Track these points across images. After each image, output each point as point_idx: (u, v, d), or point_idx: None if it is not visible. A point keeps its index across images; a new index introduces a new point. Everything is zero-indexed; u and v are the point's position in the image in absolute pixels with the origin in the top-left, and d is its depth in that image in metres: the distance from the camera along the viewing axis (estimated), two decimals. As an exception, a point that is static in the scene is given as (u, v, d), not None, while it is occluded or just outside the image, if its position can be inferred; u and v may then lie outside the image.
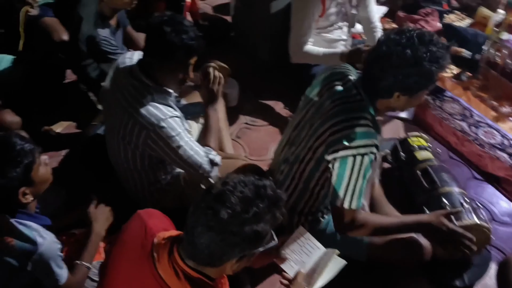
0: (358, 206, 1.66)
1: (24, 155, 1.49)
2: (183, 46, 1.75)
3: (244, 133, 2.75)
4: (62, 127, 2.77)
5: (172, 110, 1.85)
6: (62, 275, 1.62)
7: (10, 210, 1.54)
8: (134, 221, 1.38)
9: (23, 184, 1.51)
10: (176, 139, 1.82)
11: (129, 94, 1.83)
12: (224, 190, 1.14)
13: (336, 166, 1.64)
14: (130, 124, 1.82)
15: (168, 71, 1.83)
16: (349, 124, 1.63)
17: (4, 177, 1.45)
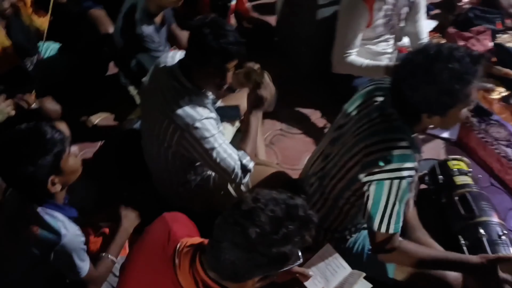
0: (396, 230, 1.59)
1: (54, 144, 1.50)
2: (220, 50, 1.73)
3: (278, 140, 2.72)
4: (100, 118, 2.82)
5: (207, 112, 1.84)
6: (84, 268, 1.63)
7: (38, 199, 1.56)
8: (159, 223, 1.37)
9: (52, 172, 1.52)
10: (210, 141, 1.81)
11: (168, 95, 1.84)
12: (255, 207, 1.10)
13: (372, 189, 1.57)
14: (165, 123, 1.83)
15: (206, 74, 1.82)
16: (386, 146, 1.56)
17: (34, 164, 1.46)
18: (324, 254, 1.61)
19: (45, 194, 1.56)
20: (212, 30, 1.73)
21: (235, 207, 1.13)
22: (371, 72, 2.47)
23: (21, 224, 1.55)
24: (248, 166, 1.91)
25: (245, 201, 1.13)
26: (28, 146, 1.47)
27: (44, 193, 1.55)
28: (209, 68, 1.79)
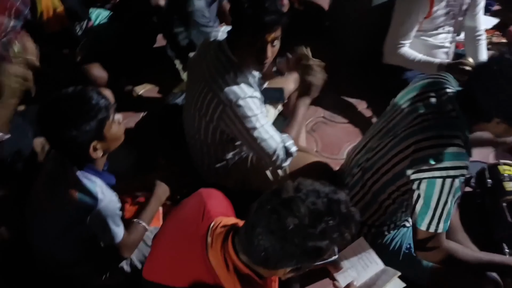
0: (444, 229, 1.54)
1: (98, 110, 1.50)
2: (255, 18, 1.65)
3: (319, 127, 2.66)
4: (144, 89, 2.84)
5: (252, 90, 1.80)
6: (118, 233, 1.65)
7: (79, 163, 1.58)
8: (195, 198, 1.36)
9: (94, 138, 1.52)
10: (252, 120, 1.78)
11: (214, 68, 1.81)
12: (295, 197, 1.07)
13: (422, 187, 1.51)
14: (208, 97, 1.81)
15: (244, 46, 1.75)
16: (439, 142, 1.49)
17: (77, 128, 1.47)
18: (358, 247, 1.57)
19: (85, 158, 1.57)
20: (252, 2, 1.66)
21: (275, 193, 1.09)
22: (423, 67, 2.38)
23: (61, 185, 1.57)
24: (290, 149, 1.87)
25: (285, 188, 1.09)
26: (73, 110, 1.47)
27: (85, 157, 1.56)
28: (246, 38, 1.71)
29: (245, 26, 1.69)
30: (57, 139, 1.52)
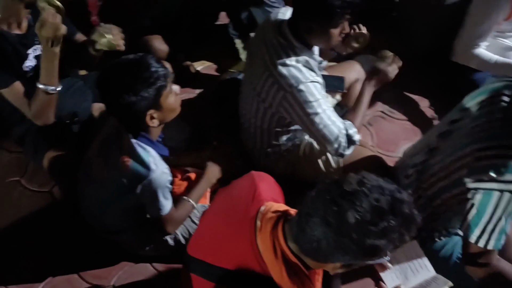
0: (496, 247, 1.44)
1: (157, 78, 1.50)
2: (339, 5, 1.61)
3: (376, 121, 2.58)
4: (203, 66, 2.84)
5: (314, 75, 1.76)
6: (166, 206, 1.66)
7: (134, 131, 1.59)
8: (246, 180, 1.34)
9: (152, 106, 1.52)
10: (313, 105, 1.73)
11: (273, 51, 1.77)
12: (358, 190, 1.02)
13: (477, 198, 1.42)
14: (268, 82, 1.77)
15: (310, 30, 1.71)
16: (504, 153, 1.40)
17: (136, 94, 1.47)
18: (410, 251, 1.51)
19: (141, 127, 1.58)
20: None
21: (336, 183, 1.05)
22: (501, 69, 2.26)
23: (115, 152, 1.59)
24: (354, 137, 1.82)
25: (348, 180, 1.04)
26: (132, 76, 1.47)
27: (141, 126, 1.57)
28: (315, 23, 1.68)
29: (314, 10, 1.64)
30: (115, 105, 1.52)
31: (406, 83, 2.73)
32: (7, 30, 1.84)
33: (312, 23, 1.68)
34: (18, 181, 2.22)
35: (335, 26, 1.70)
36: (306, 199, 1.08)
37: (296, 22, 1.74)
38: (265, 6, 2.37)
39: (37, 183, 2.21)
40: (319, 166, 2.03)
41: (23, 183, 2.22)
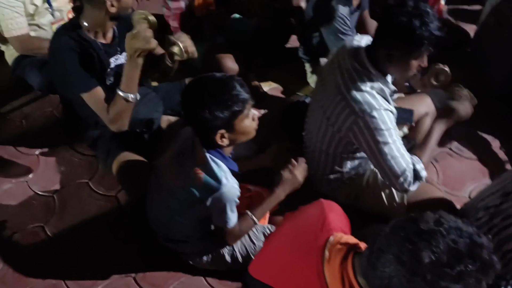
0: None
1: (235, 102, 1.53)
2: (427, 37, 1.60)
3: (443, 158, 2.50)
4: (270, 87, 2.87)
5: (387, 103, 1.75)
6: (232, 219, 1.69)
7: (209, 145, 1.63)
8: (315, 207, 1.34)
9: (223, 127, 1.56)
10: (384, 134, 1.71)
11: (348, 76, 1.77)
12: (435, 230, 0.99)
13: None
14: (340, 106, 1.77)
15: (398, 60, 1.69)
16: None
17: (210, 113, 1.51)
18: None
19: (213, 143, 1.62)
20: (413, 12, 1.60)
21: (411, 221, 1.03)
22: None
23: (188, 163, 1.63)
24: (420, 173, 1.78)
25: (425, 218, 1.02)
26: (211, 95, 1.52)
27: (212, 142, 1.61)
28: (396, 52, 1.67)
29: (401, 38, 1.64)
30: (192, 117, 1.57)
31: (477, 121, 2.63)
32: (94, 39, 1.95)
33: (394, 51, 1.68)
34: (87, 183, 2.33)
35: (416, 57, 1.68)
36: (378, 234, 1.06)
37: (376, 49, 1.74)
38: (339, 33, 2.38)
39: (104, 186, 2.31)
40: (382, 199, 1.99)
41: (91, 185, 2.32)
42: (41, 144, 2.47)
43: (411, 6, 1.61)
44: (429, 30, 1.59)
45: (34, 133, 2.54)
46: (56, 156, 2.42)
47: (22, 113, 2.65)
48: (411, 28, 1.59)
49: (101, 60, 1.99)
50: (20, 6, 2.35)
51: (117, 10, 1.86)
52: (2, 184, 2.30)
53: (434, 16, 1.62)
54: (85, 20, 1.91)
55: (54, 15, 2.50)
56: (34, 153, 2.44)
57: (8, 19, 2.33)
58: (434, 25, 1.61)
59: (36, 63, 2.45)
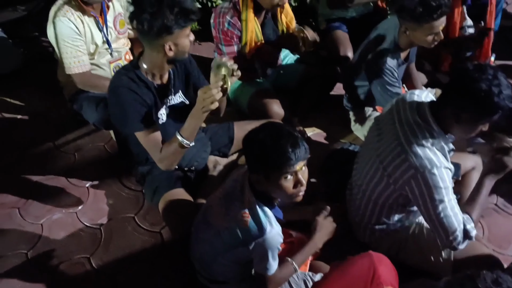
0: None
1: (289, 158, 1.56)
2: (502, 106, 1.63)
3: (489, 214, 2.45)
4: (313, 132, 2.91)
5: (446, 161, 1.77)
6: (273, 266, 1.70)
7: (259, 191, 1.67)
8: (364, 259, 1.35)
9: (282, 174, 1.58)
10: (442, 192, 1.72)
11: (409, 129, 1.80)
12: None
13: None
14: (399, 159, 1.79)
15: (466, 122, 1.72)
16: None
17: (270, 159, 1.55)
18: None
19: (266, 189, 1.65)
20: (492, 80, 1.63)
21: (469, 279, 1.03)
22: None
23: (237, 205, 1.67)
24: (470, 233, 1.78)
25: (483, 277, 1.02)
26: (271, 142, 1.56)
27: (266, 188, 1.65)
28: (468, 115, 1.69)
29: (475, 102, 1.65)
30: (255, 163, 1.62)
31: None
32: (151, 80, 2.06)
33: (464, 113, 1.69)
34: (133, 217, 2.39)
35: (484, 122, 1.72)
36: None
37: (442, 107, 1.76)
38: (386, 84, 2.41)
39: (149, 222, 2.36)
40: (428, 253, 1.97)
41: (137, 219, 2.38)
42: (91, 177, 2.57)
43: (491, 74, 1.64)
44: (505, 100, 1.63)
45: (86, 166, 2.64)
46: (105, 189, 2.51)
47: (76, 146, 2.77)
48: (490, 95, 1.62)
49: (156, 100, 2.09)
50: (83, 45, 2.51)
51: (174, 54, 1.96)
52: (53, 214, 2.39)
53: (509, 87, 1.65)
54: (144, 62, 2.02)
55: (112, 55, 2.66)
56: (85, 185, 2.54)
57: (72, 57, 2.48)
58: (509, 95, 1.64)
59: (93, 99, 2.58)
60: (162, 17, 1.81)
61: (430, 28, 2.23)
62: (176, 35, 1.87)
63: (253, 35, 2.66)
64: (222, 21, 2.59)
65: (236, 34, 2.62)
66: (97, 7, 2.52)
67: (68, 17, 2.43)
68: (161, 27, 1.83)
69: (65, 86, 2.73)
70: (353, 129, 2.83)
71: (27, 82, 3.21)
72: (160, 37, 1.86)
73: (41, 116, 2.97)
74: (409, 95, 1.92)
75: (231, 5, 2.62)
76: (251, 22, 2.62)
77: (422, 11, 2.17)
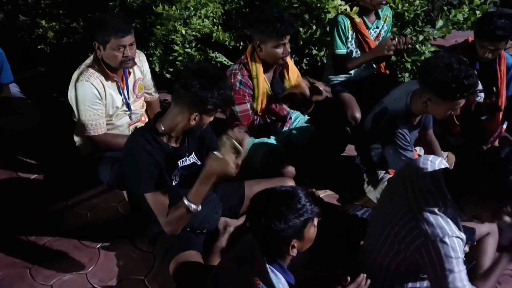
0: None
1: (306, 211, 1.64)
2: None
3: (507, 281, 2.40)
4: (325, 194, 2.94)
5: (458, 231, 1.77)
6: None
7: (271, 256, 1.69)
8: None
9: (296, 236, 1.65)
10: (452, 262, 1.73)
11: (421, 196, 1.82)
12: None
13: None
14: (410, 225, 1.81)
15: (481, 199, 1.73)
16: None
17: (285, 223, 1.60)
18: None
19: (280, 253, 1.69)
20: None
21: None
22: None
23: (247, 271, 1.69)
24: None
25: None
26: (286, 205, 1.62)
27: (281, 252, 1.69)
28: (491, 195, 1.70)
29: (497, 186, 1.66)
30: (263, 229, 1.65)
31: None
32: (166, 143, 2.13)
33: (481, 188, 1.70)
34: (142, 280, 2.39)
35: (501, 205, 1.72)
36: None
37: (458, 178, 1.78)
38: (398, 148, 2.46)
39: (158, 283, 2.36)
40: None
41: (146, 282, 2.37)
42: (103, 237, 2.60)
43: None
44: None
45: (98, 225, 2.68)
46: (116, 250, 2.53)
47: (89, 206, 2.82)
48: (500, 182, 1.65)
49: (169, 162, 2.15)
50: (102, 109, 2.62)
51: (195, 126, 2.07)
52: (63, 275, 2.40)
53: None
54: (163, 124, 2.11)
55: (131, 118, 2.76)
56: (96, 246, 2.56)
57: (90, 120, 2.59)
58: None
59: (108, 159, 2.65)
60: (208, 93, 1.96)
61: (453, 104, 2.28)
62: (207, 112, 2.03)
63: (264, 90, 2.77)
64: (234, 81, 2.71)
65: (248, 92, 2.73)
66: (120, 72, 2.67)
67: (91, 81, 2.56)
68: (202, 100, 1.97)
69: (81, 146, 2.82)
70: (366, 191, 2.85)
71: (44, 141, 3.31)
72: (194, 106, 2.00)
73: (56, 176, 3.04)
74: (423, 161, 1.95)
75: (241, 66, 2.75)
76: (261, 77, 2.74)
77: (454, 88, 2.19)
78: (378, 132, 2.57)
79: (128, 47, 2.52)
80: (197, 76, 1.97)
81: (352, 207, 2.72)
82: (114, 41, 2.48)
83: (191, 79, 1.96)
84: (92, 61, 2.63)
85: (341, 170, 3.04)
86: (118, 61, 2.54)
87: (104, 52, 2.53)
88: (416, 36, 3.42)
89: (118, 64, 2.56)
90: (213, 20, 3.44)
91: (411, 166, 1.97)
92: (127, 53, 2.52)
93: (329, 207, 2.82)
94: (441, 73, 2.20)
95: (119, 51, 2.51)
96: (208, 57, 3.46)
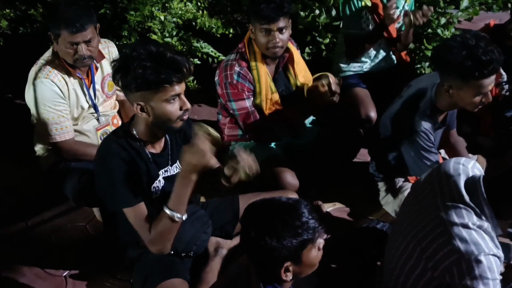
0: None
1: (306, 230, 1.61)
2: None
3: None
4: (333, 207, 2.94)
5: (495, 247, 1.78)
6: None
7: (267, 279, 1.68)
8: None
9: (290, 258, 1.62)
10: (489, 284, 1.73)
11: (454, 208, 1.82)
12: None
13: None
14: (440, 241, 1.81)
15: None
16: None
17: (278, 241, 1.58)
18: None
19: (274, 276, 1.67)
20: None
21: None
22: None
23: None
24: None
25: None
26: (282, 221, 1.60)
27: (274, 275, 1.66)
28: None
29: None
30: (254, 246, 1.64)
31: None
32: (144, 148, 2.12)
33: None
34: (118, 314, 2.38)
35: None
36: None
37: (500, 188, 1.80)
38: (420, 150, 2.46)
39: (137, 318, 2.34)
40: None
41: (124, 315, 2.37)
42: (70, 264, 2.57)
43: None
44: None
45: (64, 250, 2.66)
46: (87, 279, 2.51)
47: (52, 227, 2.80)
48: None
49: (149, 171, 2.14)
50: (66, 109, 2.60)
51: (154, 119, 2.01)
52: (23, 310, 2.38)
53: None
54: (135, 127, 2.09)
55: (99, 120, 2.75)
56: (62, 275, 2.54)
57: (53, 124, 2.57)
58: None
59: (74, 170, 2.62)
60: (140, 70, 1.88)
61: (478, 86, 2.29)
62: (147, 96, 1.94)
63: (267, 85, 2.76)
64: (230, 74, 2.70)
65: (247, 87, 2.72)
66: (84, 68, 2.65)
67: (51, 78, 2.54)
68: (133, 81, 1.91)
69: (41, 156, 2.79)
70: (382, 203, 2.85)
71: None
72: (131, 94, 1.96)
73: (13, 192, 3.02)
74: (454, 165, 1.95)
75: (238, 56, 2.74)
76: (262, 68, 2.73)
77: (471, 66, 2.23)
78: (397, 132, 2.58)
79: (83, 45, 2.48)
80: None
81: (365, 223, 2.72)
82: (65, 37, 2.46)
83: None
84: (52, 55, 2.60)
85: (352, 179, 3.05)
86: (71, 59, 2.53)
87: (57, 46, 2.52)
88: (437, 19, 3.44)
89: (72, 62, 2.55)
90: (197, 4, 3.45)
91: (440, 171, 1.97)
92: (81, 51, 2.49)
93: (338, 222, 2.83)
94: (455, 53, 2.24)
95: (72, 48, 2.48)
96: (192, 48, 3.45)
